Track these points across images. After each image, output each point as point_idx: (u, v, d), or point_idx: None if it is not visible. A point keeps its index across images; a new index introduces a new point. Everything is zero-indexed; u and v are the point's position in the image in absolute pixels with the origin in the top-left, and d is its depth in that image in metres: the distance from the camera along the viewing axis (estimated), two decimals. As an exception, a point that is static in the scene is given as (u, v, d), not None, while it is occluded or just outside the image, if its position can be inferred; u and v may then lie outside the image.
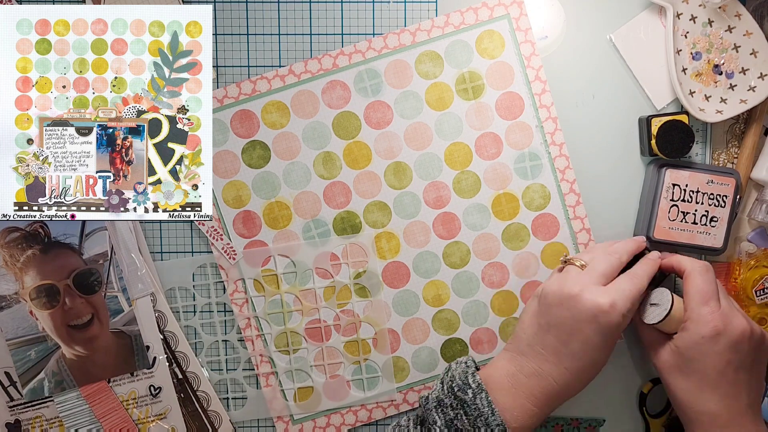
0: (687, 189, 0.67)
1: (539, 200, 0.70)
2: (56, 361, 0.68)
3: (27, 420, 0.68)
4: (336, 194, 0.69)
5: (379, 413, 0.71)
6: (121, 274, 0.68)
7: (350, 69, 0.69)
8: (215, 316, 0.70)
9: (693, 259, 0.63)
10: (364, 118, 0.69)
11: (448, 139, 0.69)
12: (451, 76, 0.69)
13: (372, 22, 0.69)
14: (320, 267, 0.70)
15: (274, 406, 0.70)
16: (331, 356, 0.70)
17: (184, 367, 0.70)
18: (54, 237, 0.67)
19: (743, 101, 0.68)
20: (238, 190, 0.69)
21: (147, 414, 0.69)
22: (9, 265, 0.67)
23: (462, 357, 0.65)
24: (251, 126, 0.69)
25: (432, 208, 0.70)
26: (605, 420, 0.72)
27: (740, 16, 0.68)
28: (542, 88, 0.69)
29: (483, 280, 0.70)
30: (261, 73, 0.69)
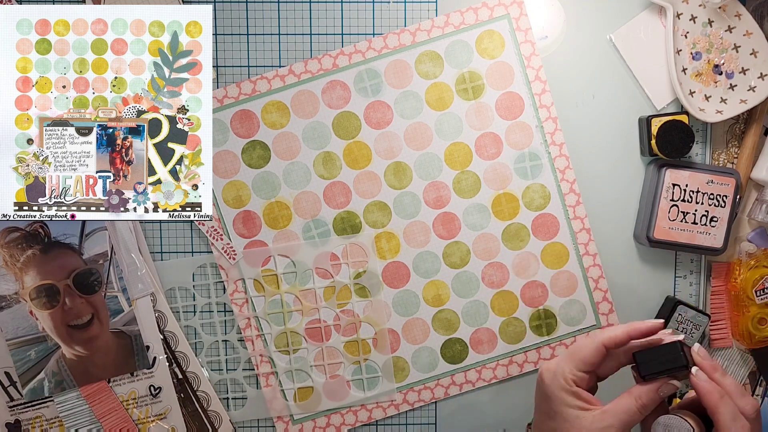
0: (687, 189, 0.67)
1: (539, 200, 0.70)
2: (56, 361, 0.68)
3: (27, 420, 0.68)
4: (336, 194, 0.69)
5: (379, 413, 0.71)
6: (121, 274, 0.68)
7: (350, 69, 0.69)
8: (215, 316, 0.70)
9: (732, 414, 0.50)
10: (364, 118, 0.69)
11: (448, 139, 0.69)
12: (451, 76, 0.69)
13: (372, 22, 0.69)
14: (320, 267, 0.70)
15: (274, 406, 0.70)
16: (331, 356, 0.70)
17: (184, 367, 0.70)
18: (54, 237, 0.67)
19: (743, 101, 0.68)
20: (238, 190, 0.69)
21: (147, 414, 0.69)
22: (9, 265, 0.67)
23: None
24: (251, 126, 0.69)
25: (432, 208, 0.70)
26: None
27: (740, 16, 0.68)
28: (542, 88, 0.69)
29: (483, 280, 0.70)
30: (261, 73, 0.69)
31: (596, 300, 0.71)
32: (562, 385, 0.52)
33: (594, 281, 0.71)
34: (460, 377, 0.71)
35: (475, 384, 0.71)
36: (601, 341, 0.52)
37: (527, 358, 0.71)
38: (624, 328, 0.52)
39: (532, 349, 0.71)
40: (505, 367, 0.71)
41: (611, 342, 0.52)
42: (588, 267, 0.71)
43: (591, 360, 0.52)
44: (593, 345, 0.52)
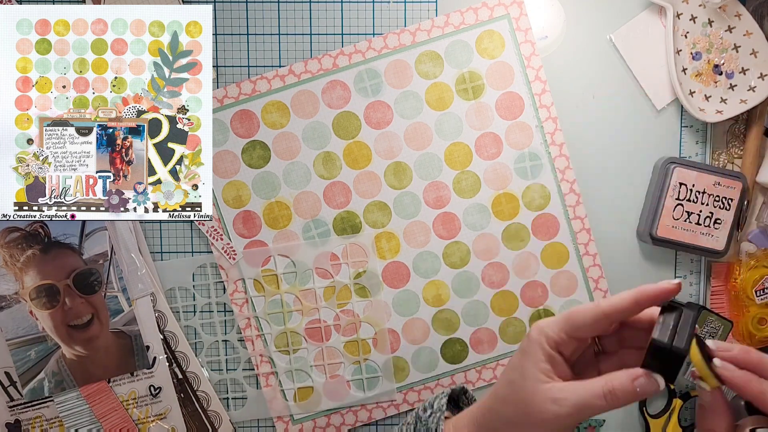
0: (693, 189, 0.67)
1: (539, 200, 0.70)
2: (56, 361, 0.68)
3: (27, 420, 0.68)
4: (336, 194, 0.69)
5: (379, 413, 0.71)
6: (121, 274, 0.68)
7: (350, 69, 0.69)
8: (215, 316, 0.70)
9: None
10: (364, 118, 0.69)
11: (448, 139, 0.69)
12: (451, 76, 0.69)
13: (372, 22, 0.69)
14: (320, 267, 0.70)
15: (274, 406, 0.70)
16: (331, 356, 0.70)
17: (184, 367, 0.70)
18: (54, 237, 0.67)
19: (743, 101, 0.68)
20: (238, 190, 0.69)
21: (147, 414, 0.69)
22: (9, 265, 0.67)
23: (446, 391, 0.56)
24: (251, 126, 0.69)
25: (432, 208, 0.70)
26: (605, 421, 0.72)
27: (740, 16, 0.68)
28: (542, 88, 0.69)
29: (483, 280, 0.70)
30: (261, 73, 0.69)
31: (596, 300, 0.71)
32: (540, 342, 0.46)
33: (594, 281, 0.71)
34: (460, 377, 0.71)
35: (475, 384, 0.71)
36: (603, 309, 0.45)
37: (527, 358, 0.71)
38: (630, 294, 0.45)
39: (532, 349, 0.71)
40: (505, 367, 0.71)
41: (614, 310, 0.45)
42: (588, 267, 0.71)
43: (585, 326, 0.45)
44: (592, 311, 0.45)
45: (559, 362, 0.47)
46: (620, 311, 0.45)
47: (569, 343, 0.47)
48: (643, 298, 0.45)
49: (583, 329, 0.46)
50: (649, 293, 0.44)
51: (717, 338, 0.67)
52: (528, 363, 0.47)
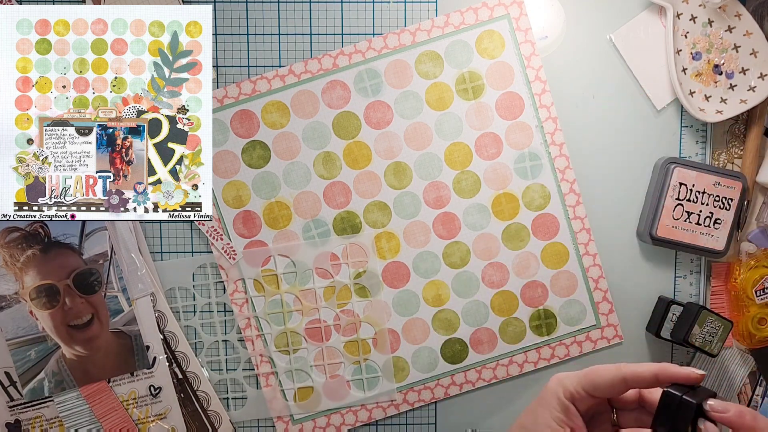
0: (693, 189, 0.67)
1: (539, 200, 0.70)
2: (56, 361, 0.68)
3: (27, 420, 0.68)
4: (336, 194, 0.69)
5: (379, 413, 0.71)
6: (121, 274, 0.68)
7: (350, 69, 0.69)
8: (215, 316, 0.70)
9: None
10: (364, 118, 0.69)
11: (448, 139, 0.69)
12: (451, 76, 0.69)
13: (372, 22, 0.69)
14: (320, 267, 0.70)
15: (274, 406, 0.70)
16: (331, 356, 0.70)
17: (184, 367, 0.70)
18: (54, 237, 0.67)
19: (743, 101, 0.68)
20: (238, 190, 0.69)
21: (147, 414, 0.69)
22: (9, 265, 0.67)
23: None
24: (251, 126, 0.69)
25: (432, 208, 0.70)
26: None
27: (740, 16, 0.68)
28: (542, 88, 0.69)
29: (483, 280, 0.70)
30: (261, 73, 0.69)
31: (596, 300, 0.71)
32: (557, 392, 0.49)
33: (594, 281, 0.71)
34: (460, 377, 0.71)
35: (475, 384, 0.71)
36: (623, 374, 0.47)
37: (527, 358, 0.71)
38: (653, 368, 0.46)
39: (532, 349, 0.71)
40: (505, 367, 0.71)
41: (633, 377, 0.47)
42: (588, 267, 0.71)
43: (603, 386, 0.47)
44: (613, 374, 0.47)
45: (573, 413, 0.49)
46: (639, 380, 0.47)
47: (586, 399, 0.49)
48: (664, 376, 0.46)
49: (601, 389, 0.48)
50: (672, 373, 0.46)
51: (717, 338, 0.67)
52: (542, 410, 0.49)
